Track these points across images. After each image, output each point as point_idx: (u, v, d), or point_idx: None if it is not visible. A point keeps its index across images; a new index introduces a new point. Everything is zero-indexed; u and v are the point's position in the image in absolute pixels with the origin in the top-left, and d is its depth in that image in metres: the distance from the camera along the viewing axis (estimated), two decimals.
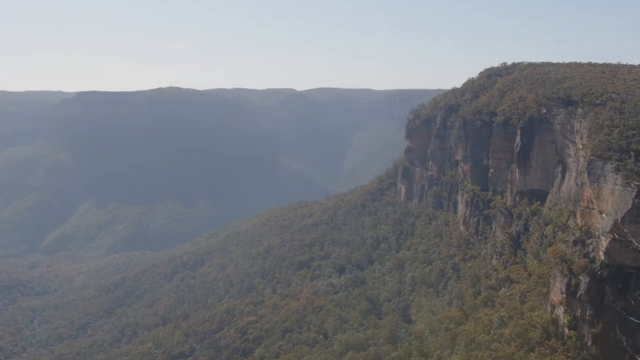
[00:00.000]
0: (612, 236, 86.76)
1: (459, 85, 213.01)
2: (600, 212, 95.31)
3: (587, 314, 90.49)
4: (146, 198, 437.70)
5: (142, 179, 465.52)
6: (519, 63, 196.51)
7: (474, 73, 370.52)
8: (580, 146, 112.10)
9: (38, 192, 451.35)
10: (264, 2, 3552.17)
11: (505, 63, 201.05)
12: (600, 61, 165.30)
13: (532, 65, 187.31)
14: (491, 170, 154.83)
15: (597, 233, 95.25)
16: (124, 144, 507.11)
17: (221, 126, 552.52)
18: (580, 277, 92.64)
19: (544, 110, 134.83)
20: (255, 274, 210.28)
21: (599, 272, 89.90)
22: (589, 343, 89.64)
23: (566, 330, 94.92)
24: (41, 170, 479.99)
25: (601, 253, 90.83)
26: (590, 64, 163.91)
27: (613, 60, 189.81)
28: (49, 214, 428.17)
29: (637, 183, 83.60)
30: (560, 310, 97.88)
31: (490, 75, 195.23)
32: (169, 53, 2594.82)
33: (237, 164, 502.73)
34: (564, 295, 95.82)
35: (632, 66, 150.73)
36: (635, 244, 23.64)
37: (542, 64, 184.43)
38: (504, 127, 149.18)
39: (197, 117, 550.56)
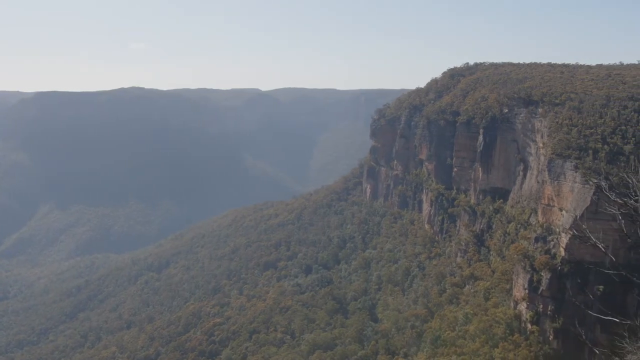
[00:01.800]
0: (571, 233, 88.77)
1: (422, 85, 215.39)
2: (561, 209, 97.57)
3: (549, 309, 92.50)
4: (109, 200, 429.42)
5: (105, 181, 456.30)
6: (481, 63, 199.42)
7: (437, 73, 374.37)
8: (541, 145, 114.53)
9: None
10: (228, 1, 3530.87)
11: (467, 63, 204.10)
12: (559, 62, 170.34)
13: (493, 66, 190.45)
14: (455, 169, 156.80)
15: (557, 230, 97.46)
16: (85, 144, 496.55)
17: (185, 126, 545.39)
18: (542, 273, 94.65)
19: (506, 110, 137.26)
20: (221, 276, 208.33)
21: (560, 268, 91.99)
22: (551, 337, 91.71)
23: (529, 325, 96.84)
24: None
25: (561, 249, 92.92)
26: (549, 65, 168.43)
27: (571, 61, 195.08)
28: (7, 217, 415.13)
29: (595, 180, 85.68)
30: (523, 306, 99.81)
31: (453, 76, 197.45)
32: (131, 53, 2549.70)
33: (202, 165, 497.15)
34: (527, 291, 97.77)
35: (590, 67, 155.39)
36: (594, 240, 24.10)
37: (504, 64, 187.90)
38: (467, 126, 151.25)
39: (160, 117, 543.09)
